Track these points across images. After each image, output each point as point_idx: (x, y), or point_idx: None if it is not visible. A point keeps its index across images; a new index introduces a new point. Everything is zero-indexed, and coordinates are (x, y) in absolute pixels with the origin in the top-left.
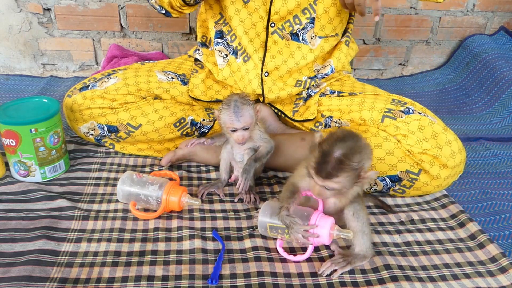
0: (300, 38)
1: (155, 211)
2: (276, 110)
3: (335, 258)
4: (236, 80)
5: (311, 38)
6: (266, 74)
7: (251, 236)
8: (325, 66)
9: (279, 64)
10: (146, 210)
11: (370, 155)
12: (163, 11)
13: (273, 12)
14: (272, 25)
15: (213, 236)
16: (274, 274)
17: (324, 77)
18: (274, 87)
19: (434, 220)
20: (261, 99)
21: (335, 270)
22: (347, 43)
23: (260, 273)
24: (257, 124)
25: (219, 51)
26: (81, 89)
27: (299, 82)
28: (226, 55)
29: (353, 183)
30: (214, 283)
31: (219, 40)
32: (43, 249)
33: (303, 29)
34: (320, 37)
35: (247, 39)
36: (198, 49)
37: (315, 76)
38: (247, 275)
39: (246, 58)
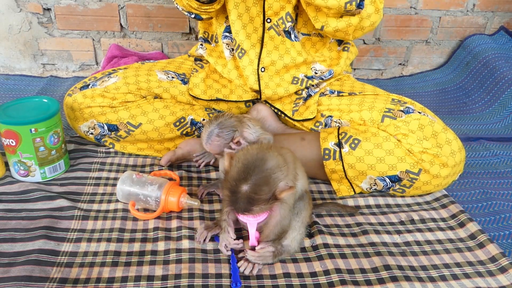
0: (292, 36)
1: (155, 211)
2: (276, 110)
3: (264, 250)
4: (238, 74)
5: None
6: (263, 69)
7: (248, 237)
8: (323, 72)
9: (275, 59)
10: (145, 210)
11: (282, 176)
12: (193, 16)
13: (267, 7)
14: (268, 20)
15: (216, 240)
16: (273, 276)
17: (322, 79)
18: (270, 83)
19: (434, 220)
20: (259, 96)
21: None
22: (346, 49)
23: (259, 276)
24: (247, 125)
25: (226, 44)
26: (82, 88)
27: (296, 79)
28: (232, 49)
29: (271, 204)
30: (239, 285)
31: (227, 34)
32: (43, 249)
33: (294, 26)
34: (303, 34)
35: (245, 34)
36: (202, 44)
37: (312, 77)
38: (246, 277)
39: (240, 54)
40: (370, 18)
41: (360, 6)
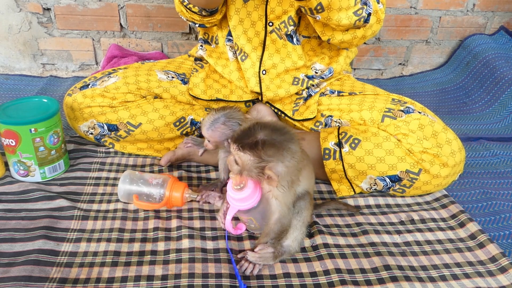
0: (294, 39)
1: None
2: (276, 110)
3: (264, 250)
4: (240, 76)
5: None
6: (264, 72)
7: (251, 237)
8: (323, 71)
9: (276, 62)
10: (145, 210)
11: (288, 161)
12: (197, 25)
13: (269, 11)
14: (270, 24)
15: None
16: (273, 276)
17: (323, 78)
18: (271, 85)
19: (434, 220)
20: (259, 97)
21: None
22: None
23: (259, 276)
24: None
25: (230, 46)
26: (82, 88)
27: (297, 80)
28: (235, 52)
29: (254, 173)
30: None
31: (230, 37)
32: (42, 249)
33: (296, 30)
34: (303, 36)
35: (246, 38)
36: (201, 46)
37: (312, 76)
38: (246, 277)
39: (243, 57)
40: (372, 28)
41: (367, 21)
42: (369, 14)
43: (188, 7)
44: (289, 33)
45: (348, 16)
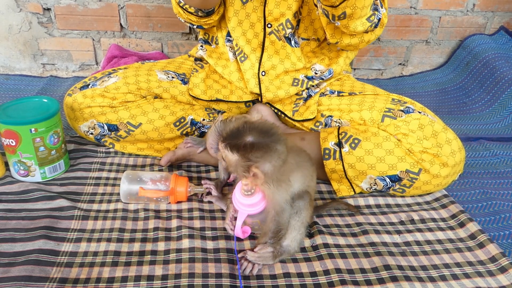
0: (292, 42)
1: (158, 207)
2: (276, 110)
3: (263, 251)
4: (240, 77)
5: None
6: (263, 73)
7: (251, 237)
8: (323, 72)
9: (276, 63)
10: (146, 210)
11: (275, 161)
12: (195, 26)
13: (267, 13)
14: (269, 25)
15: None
16: (273, 276)
17: (322, 79)
18: (271, 86)
19: (434, 220)
20: (259, 98)
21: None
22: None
23: (259, 276)
24: None
25: (230, 47)
26: (82, 88)
27: (296, 81)
28: (235, 52)
29: (241, 171)
30: None
31: (230, 38)
32: (42, 249)
33: (294, 32)
34: (302, 39)
35: (245, 40)
36: (202, 46)
37: (312, 77)
38: (246, 277)
39: (242, 59)
40: (375, 32)
41: (376, 26)
42: (379, 20)
43: (184, 7)
44: (287, 35)
45: (363, 23)
